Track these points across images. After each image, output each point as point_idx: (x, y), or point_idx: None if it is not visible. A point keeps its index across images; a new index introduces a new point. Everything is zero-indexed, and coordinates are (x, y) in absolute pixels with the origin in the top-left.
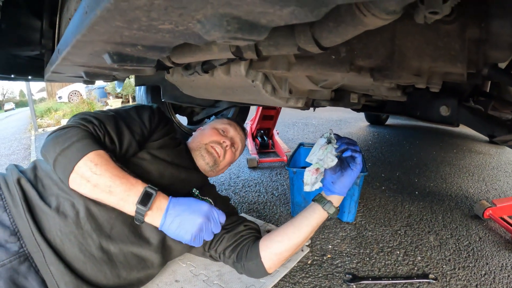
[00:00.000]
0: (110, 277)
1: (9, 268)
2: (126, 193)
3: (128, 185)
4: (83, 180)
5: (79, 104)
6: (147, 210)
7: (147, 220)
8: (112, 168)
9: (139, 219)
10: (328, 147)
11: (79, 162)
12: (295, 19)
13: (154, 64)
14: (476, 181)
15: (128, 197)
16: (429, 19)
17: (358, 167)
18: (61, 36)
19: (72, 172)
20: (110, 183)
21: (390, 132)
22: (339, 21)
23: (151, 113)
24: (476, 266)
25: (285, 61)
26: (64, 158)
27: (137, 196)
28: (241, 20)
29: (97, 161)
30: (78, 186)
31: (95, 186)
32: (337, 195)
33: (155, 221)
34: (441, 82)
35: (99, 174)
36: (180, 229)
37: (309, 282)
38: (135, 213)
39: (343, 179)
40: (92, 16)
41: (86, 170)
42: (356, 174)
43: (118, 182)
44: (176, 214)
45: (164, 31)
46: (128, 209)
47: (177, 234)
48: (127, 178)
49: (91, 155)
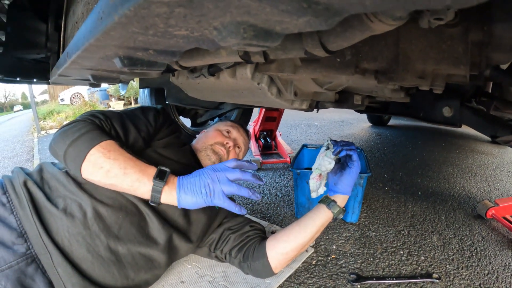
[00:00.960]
0: (118, 277)
1: (16, 269)
2: (141, 174)
3: (142, 166)
4: (95, 167)
5: (81, 106)
6: (164, 184)
7: (163, 197)
8: (124, 153)
9: (155, 198)
10: (326, 153)
11: (91, 150)
12: (309, 27)
13: (164, 68)
14: (479, 181)
15: (144, 176)
16: (433, 24)
17: (355, 163)
18: (67, 39)
19: (84, 161)
20: (124, 164)
21: (392, 133)
22: (346, 26)
23: (156, 113)
24: (479, 265)
25: (291, 64)
26: (75, 149)
27: (152, 175)
28: (257, 27)
29: (110, 148)
30: (90, 174)
31: (109, 171)
32: (340, 195)
33: (172, 195)
34: (444, 84)
35: (113, 159)
36: (194, 192)
37: (314, 282)
38: (151, 193)
39: (343, 178)
40: (108, 21)
41: (99, 156)
42: (356, 171)
43: (132, 164)
44: (187, 182)
45: (179, 36)
46: (143, 190)
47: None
48: (139, 161)
49: (103, 144)
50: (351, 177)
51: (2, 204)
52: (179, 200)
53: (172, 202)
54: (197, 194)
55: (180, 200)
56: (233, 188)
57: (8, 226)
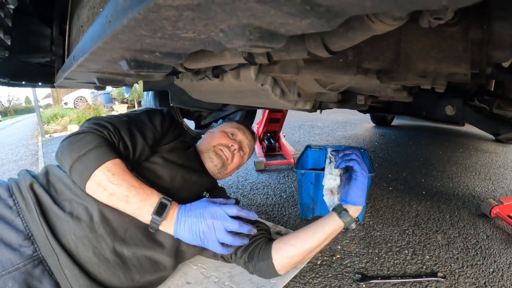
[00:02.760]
0: (123, 280)
1: (24, 271)
2: (142, 203)
3: (144, 195)
4: (100, 188)
5: (85, 109)
6: (162, 220)
7: (161, 228)
8: (128, 178)
9: (153, 227)
10: (331, 167)
11: (96, 170)
12: (312, 28)
13: (169, 70)
14: (483, 179)
15: (144, 207)
16: (433, 23)
17: (359, 174)
18: (72, 43)
19: (89, 180)
20: (127, 193)
21: (396, 133)
22: (348, 27)
23: (162, 117)
24: (484, 264)
25: (294, 65)
26: (81, 165)
27: (153, 207)
28: (262, 29)
29: (114, 171)
30: (94, 193)
31: (112, 195)
32: (352, 205)
33: (169, 230)
34: (446, 82)
35: (116, 184)
36: (190, 232)
37: (319, 282)
38: (150, 222)
39: (351, 191)
40: (117, 25)
41: (103, 179)
42: (362, 181)
43: (135, 192)
44: (185, 220)
45: (186, 39)
46: (143, 218)
47: (189, 239)
48: (143, 188)
49: (108, 164)
50: (358, 189)
51: (9, 207)
52: (175, 233)
53: (170, 232)
54: (192, 235)
55: (176, 234)
56: (228, 239)
57: (15, 229)
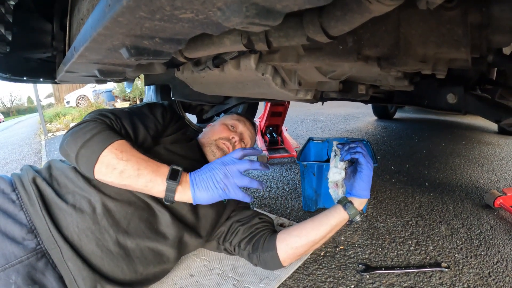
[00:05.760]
0: (127, 272)
1: (27, 264)
2: (154, 174)
3: (155, 167)
4: (109, 169)
5: (87, 108)
6: (177, 184)
7: (178, 196)
8: (136, 153)
9: (169, 197)
10: (336, 160)
11: (104, 151)
12: (308, 4)
13: (169, 57)
14: (486, 171)
15: (157, 177)
16: (431, 4)
17: (364, 167)
18: (73, 37)
19: (97, 163)
20: (137, 166)
21: (398, 126)
22: (346, 10)
23: (163, 109)
24: (488, 254)
25: (294, 53)
26: (87, 150)
27: (165, 175)
28: (258, 6)
29: (122, 149)
30: (104, 175)
31: (122, 172)
32: (357, 198)
33: (186, 193)
34: (447, 68)
35: (125, 160)
36: (208, 188)
37: (323, 273)
38: (165, 192)
39: (356, 184)
40: (117, 6)
41: (112, 157)
42: (367, 174)
43: (145, 165)
44: (200, 179)
45: (184, 20)
46: (157, 189)
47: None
48: (152, 161)
49: (115, 144)
50: (363, 181)
51: (12, 201)
52: (194, 197)
53: (187, 200)
54: (212, 190)
55: (195, 197)
56: (245, 181)
57: (18, 222)
